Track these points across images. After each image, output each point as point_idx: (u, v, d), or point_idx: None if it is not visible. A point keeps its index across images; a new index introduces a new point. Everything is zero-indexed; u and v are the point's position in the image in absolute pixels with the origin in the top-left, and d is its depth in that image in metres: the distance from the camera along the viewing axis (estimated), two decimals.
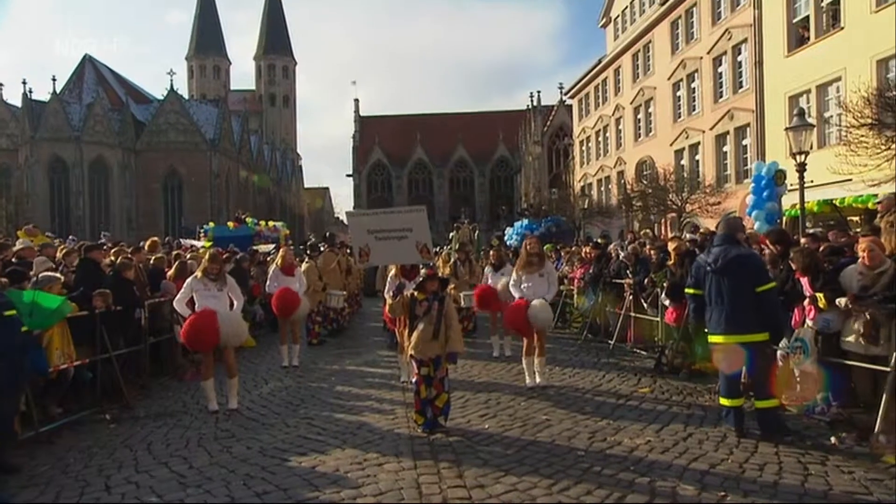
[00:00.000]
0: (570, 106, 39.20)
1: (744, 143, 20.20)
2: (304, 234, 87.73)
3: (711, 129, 21.62)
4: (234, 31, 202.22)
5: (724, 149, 21.28)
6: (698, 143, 22.63)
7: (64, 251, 8.83)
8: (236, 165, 59.96)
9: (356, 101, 66.06)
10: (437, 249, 13.06)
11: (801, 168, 10.19)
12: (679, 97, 23.99)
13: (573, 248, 15.21)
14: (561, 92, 48.76)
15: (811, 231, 7.61)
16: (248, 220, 29.72)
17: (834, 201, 14.75)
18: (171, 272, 8.88)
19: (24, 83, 45.05)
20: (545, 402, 5.88)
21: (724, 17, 21.02)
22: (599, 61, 31.33)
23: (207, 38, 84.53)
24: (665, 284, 7.47)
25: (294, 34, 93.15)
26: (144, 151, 51.22)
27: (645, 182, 26.47)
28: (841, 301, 4.95)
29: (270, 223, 32.04)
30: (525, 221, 25.99)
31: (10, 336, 4.56)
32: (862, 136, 10.94)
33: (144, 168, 51.15)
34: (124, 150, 49.64)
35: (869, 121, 10.48)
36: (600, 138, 32.46)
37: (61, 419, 5.72)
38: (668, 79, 24.42)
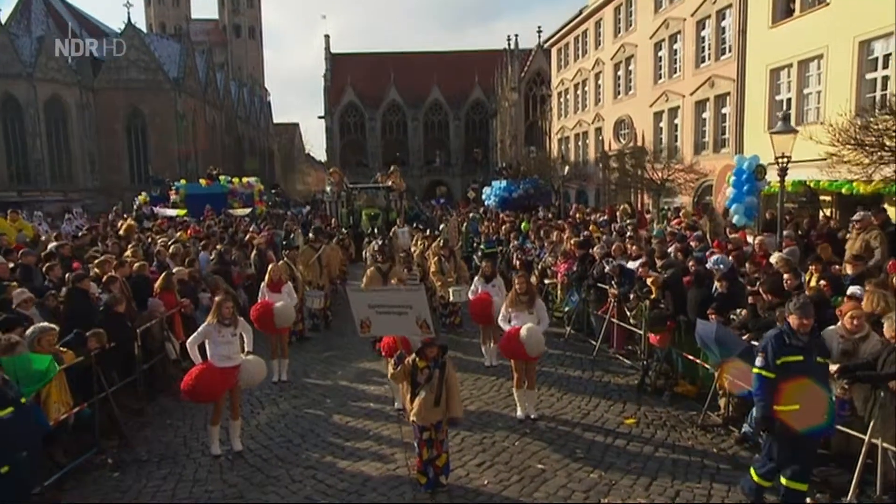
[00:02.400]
0: (549, 51, 38.19)
1: (723, 111, 20.15)
2: (275, 175, 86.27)
3: (692, 94, 21.45)
4: None
5: (704, 115, 21.21)
6: (678, 107, 22.49)
7: (48, 266, 8.53)
8: (203, 105, 57.54)
9: (326, 37, 63.88)
10: (427, 233, 12.94)
11: (783, 173, 10.28)
12: (661, 58, 23.59)
13: (554, 225, 15.33)
14: (539, 36, 47.56)
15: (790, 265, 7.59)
16: (222, 177, 29.09)
17: (808, 182, 15.10)
18: (157, 284, 8.72)
19: None
20: (539, 444, 6.13)
21: None
22: (581, 12, 30.39)
23: None
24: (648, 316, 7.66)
25: None
26: (103, 90, 48.51)
27: (623, 141, 26.48)
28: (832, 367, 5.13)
29: (244, 179, 31.40)
30: (504, 183, 25.86)
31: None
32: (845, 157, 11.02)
33: (104, 108, 48.61)
34: (82, 89, 46.90)
35: (852, 142, 10.54)
36: (579, 91, 31.95)
37: (64, 467, 5.77)
38: (651, 38, 23.91)
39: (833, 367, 5.05)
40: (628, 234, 12.83)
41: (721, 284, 7.15)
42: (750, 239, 11.72)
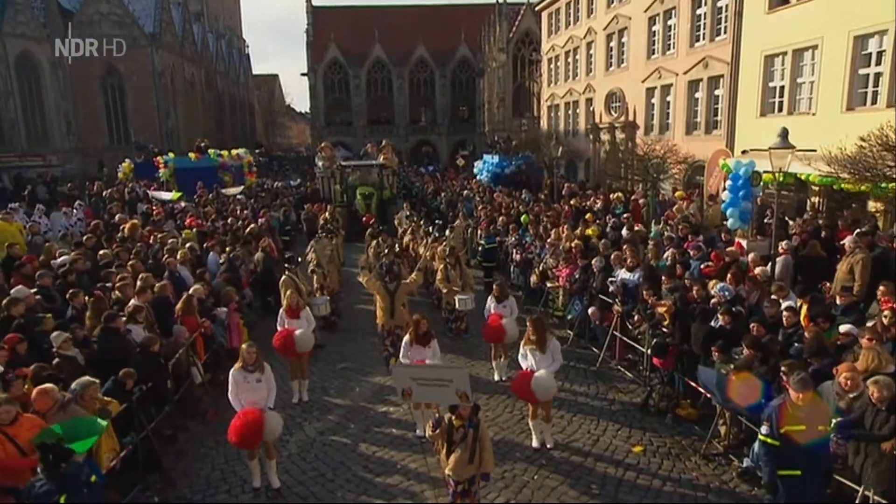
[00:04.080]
0: (537, 9, 37.38)
1: (716, 93, 20.25)
2: (256, 132, 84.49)
3: (685, 73, 21.44)
4: None
5: (697, 95, 21.28)
6: (671, 84, 22.49)
7: (71, 293, 8.62)
8: (181, 61, 55.66)
9: None
10: (435, 235, 13.13)
11: (780, 188, 10.62)
12: (655, 32, 23.36)
13: (552, 220, 15.58)
14: None
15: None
16: (211, 151, 28.67)
17: (799, 175, 15.46)
18: (178, 308, 8.92)
19: None
20: (556, 477, 6.63)
21: None
22: None
23: None
24: (654, 343, 8.09)
25: None
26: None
27: (614, 114, 26.50)
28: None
29: (234, 152, 30.99)
30: (496, 158, 25.87)
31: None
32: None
33: (78, 66, 46.32)
34: (53, 45, 44.98)
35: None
36: (570, 59, 31.55)
37: None
38: (645, 11, 23.60)
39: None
40: (624, 234, 13.16)
41: (724, 319, 7.56)
42: (743, 242, 12.20)
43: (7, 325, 7.56)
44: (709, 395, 7.18)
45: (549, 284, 11.96)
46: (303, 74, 61.00)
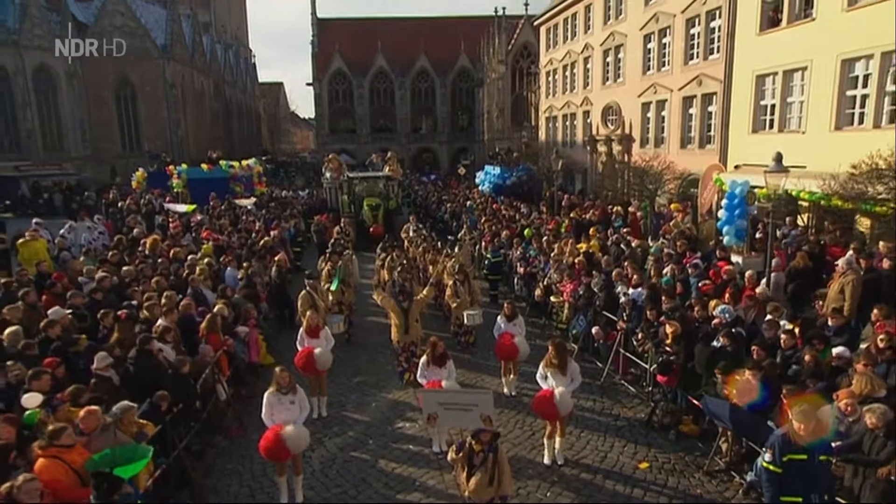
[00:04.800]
0: (536, 24, 37.41)
1: (709, 109, 20.37)
2: (262, 139, 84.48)
3: (680, 89, 21.57)
4: None
5: (691, 111, 21.40)
6: (666, 100, 22.61)
7: (102, 313, 8.71)
8: (191, 72, 55.73)
9: (313, 2, 60.92)
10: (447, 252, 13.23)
11: (775, 208, 10.75)
12: (650, 50, 23.50)
13: (554, 234, 15.71)
14: (526, 8, 46.65)
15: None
16: (222, 162, 28.76)
17: (791, 192, 15.58)
18: (203, 327, 9.01)
19: None
20: (567, 495, 6.75)
21: None
22: None
23: None
24: (658, 361, 8.20)
25: None
26: (91, 58, 46.54)
27: (611, 127, 26.61)
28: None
29: (244, 163, 31.08)
30: (497, 169, 25.99)
31: None
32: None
33: (93, 76, 46.74)
34: (69, 57, 45.07)
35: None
36: (567, 73, 31.67)
37: None
38: (640, 29, 23.73)
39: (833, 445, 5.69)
40: (624, 250, 13.29)
41: (725, 340, 7.68)
42: (738, 259, 12.34)
43: (45, 346, 7.66)
44: (715, 422, 7.27)
45: (553, 299, 12.06)
46: (308, 84, 61.25)
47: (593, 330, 10.19)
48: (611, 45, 26.37)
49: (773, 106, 17.44)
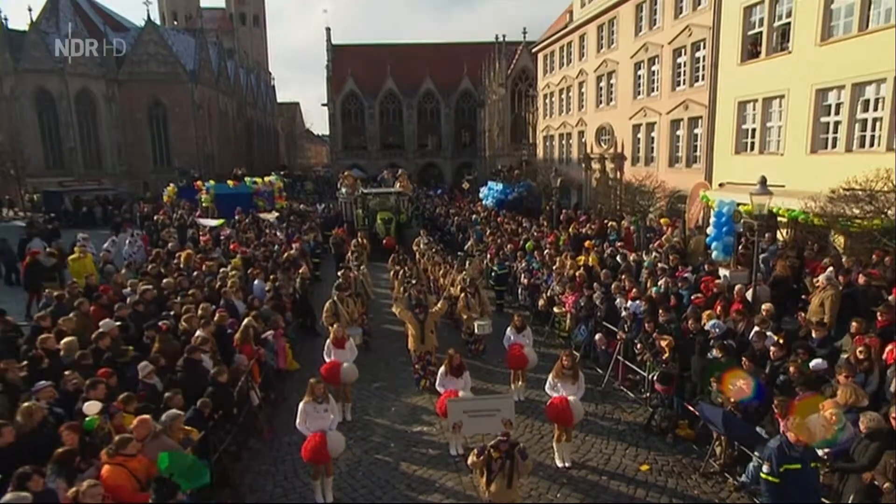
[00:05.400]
0: (533, 50, 37.58)
1: (695, 131, 20.44)
2: (280, 154, 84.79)
3: (668, 113, 21.65)
4: None
5: (678, 133, 21.47)
6: (655, 122, 22.69)
7: (147, 325, 8.79)
8: (216, 94, 56.14)
9: (328, 30, 61.47)
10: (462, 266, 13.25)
11: (762, 230, 10.78)
12: (640, 77, 23.61)
13: (554, 247, 15.75)
14: (524, 36, 46.84)
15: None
16: (247, 178, 28.96)
17: (771, 209, 15.60)
18: (237, 338, 9.08)
19: None
20: (576, 496, 6.78)
21: (685, 12, 20.37)
22: (566, 25, 29.99)
23: None
24: (658, 371, 8.24)
25: None
26: (127, 82, 47.00)
27: (604, 146, 26.68)
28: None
29: (266, 179, 31.26)
30: (500, 185, 26.09)
31: None
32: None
33: (128, 99, 47.24)
34: (107, 82, 45.47)
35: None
36: (563, 96, 31.81)
37: None
38: (631, 58, 23.85)
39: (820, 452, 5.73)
40: (620, 263, 13.33)
41: (718, 352, 7.72)
42: (725, 272, 12.35)
43: (97, 356, 7.73)
44: (710, 427, 7.30)
45: (556, 310, 12.10)
46: (323, 104, 61.50)
47: (597, 337, 10.22)
48: (604, 71, 26.49)
49: (753, 130, 17.48)
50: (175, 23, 74.41)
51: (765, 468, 5.19)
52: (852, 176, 11.02)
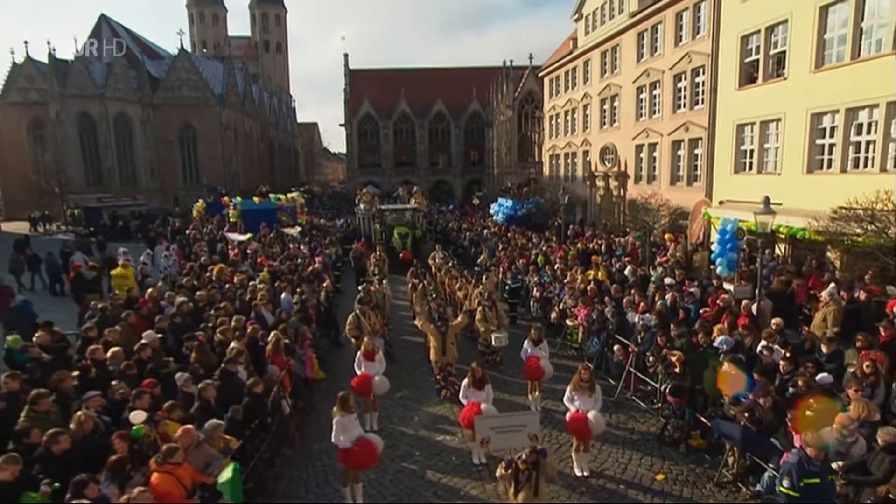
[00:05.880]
0: (540, 75, 37.74)
1: (696, 152, 20.36)
2: (299, 172, 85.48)
3: (669, 134, 21.60)
4: None
5: (679, 153, 21.40)
6: (657, 143, 22.65)
7: (187, 337, 8.82)
8: (242, 116, 56.90)
9: (345, 55, 62.05)
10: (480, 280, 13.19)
11: (764, 246, 10.69)
12: (642, 100, 23.61)
13: (563, 261, 15.68)
14: (531, 60, 47.15)
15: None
16: (271, 195, 29.19)
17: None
18: (269, 349, 9.06)
19: (49, 43, 40.95)
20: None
21: (685, 41, 20.41)
22: (571, 51, 30.13)
23: None
24: (669, 384, 8.12)
25: None
26: (160, 106, 47.80)
27: (608, 165, 26.64)
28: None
29: (289, 195, 31.49)
30: (510, 202, 26.08)
31: None
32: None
33: (161, 122, 48.01)
34: (143, 106, 46.27)
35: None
36: (569, 118, 31.87)
37: None
38: (633, 82, 23.89)
39: (836, 465, 5.61)
40: (628, 277, 13.24)
41: (729, 366, 7.60)
42: (729, 287, 12.22)
43: (141, 366, 7.76)
44: (724, 441, 7.16)
45: (568, 322, 12.00)
46: (341, 125, 62.02)
47: (615, 349, 10.08)
48: (607, 94, 26.53)
49: (752, 150, 17.37)
50: (204, 50, 75.70)
51: (785, 483, 5.08)
52: (853, 196, 10.89)
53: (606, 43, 26.09)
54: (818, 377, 7.18)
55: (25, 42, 42.99)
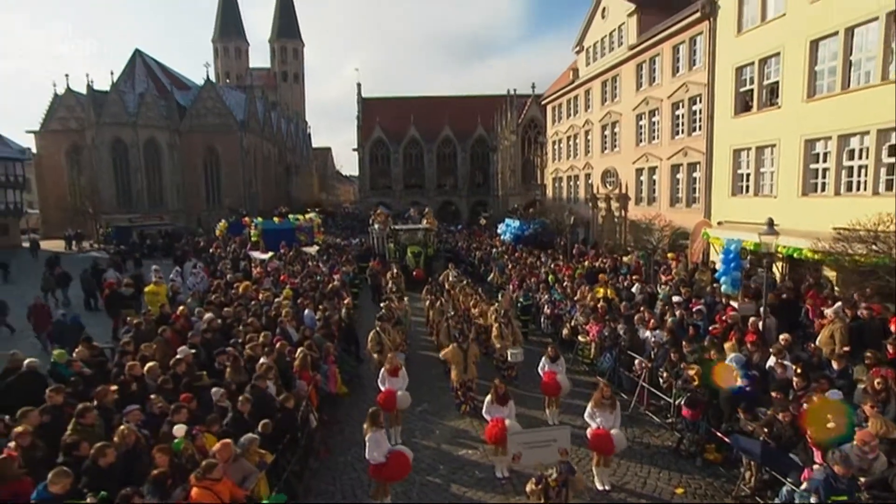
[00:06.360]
0: (543, 102, 38.01)
1: (694, 175, 20.33)
2: (313, 194, 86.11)
3: (668, 158, 21.61)
4: (250, 4, 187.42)
5: (678, 176, 21.37)
6: (656, 167, 22.65)
7: (218, 352, 8.75)
8: (261, 141, 57.58)
9: (359, 85, 63.14)
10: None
11: (769, 265, 10.57)
12: (641, 126, 23.70)
13: (572, 280, 15.55)
14: (533, 89, 47.62)
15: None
16: (290, 216, 29.31)
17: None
18: (297, 364, 8.97)
19: (87, 75, 42.04)
20: None
21: (682, 71, 20.55)
22: (572, 81, 30.40)
23: (229, 24, 78.66)
24: (685, 397, 7.96)
25: (301, 9, 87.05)
26: (187, 133, 48.56)
27: (609, 187, 26.63)
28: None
29: (307, 216, 31.61)
30: (517, 222, 26.07)
31: None
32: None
33: (187, 147, 48.74)
34: (171, 132, 47.04)
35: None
36: (571, 143, 32.01)
37: None
38: (633, 110, 24.01)
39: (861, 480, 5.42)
40: (635, 294, 13.09)
41: (743, 382, 7.45)
42: (734, 304, 12.07)
43: (176, 380, 7.68)
44: (743, 456, 6.96)
45: (580, 339, 11.84)
46: (354, 150, 62.56)
47: (636, 361, 9.87)
48: (608, 121, 26.66)
49: (748, 174, 17.29)
50: (227, 81, 77.06)
51: (812, 500, 4.91)
52: (849, 218, 10.82)
53: (607, 73, 26.31)
54: (827, 393, 7.01)
55: (66, 75, 44.62)
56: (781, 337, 8.76)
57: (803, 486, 5.92)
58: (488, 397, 7.54)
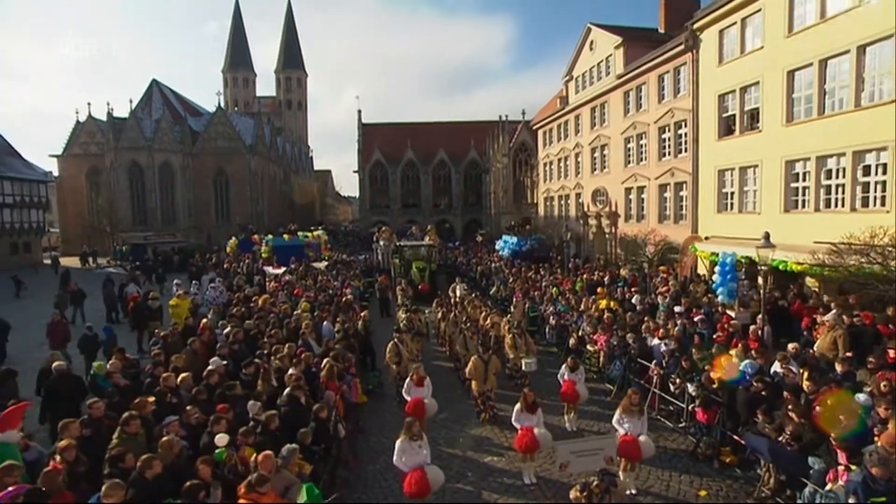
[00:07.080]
0: (533, 127, 38.34)
1: (681, 194, 20.48)
2: (315, 213, 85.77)
3: (656, 179, 21.77)
4: (257, 38, 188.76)
5: (665, 195, 21.52)
6: (644, 186, 22.80)
7: (244, 363, 8.42)
8: (268, 163, 57.41)
9: (359, 111, 63.26)
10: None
11: (766, 278, 10.53)
12: (630, 149, 23.93)
13: (573, 293, 15.42)
14: (523, 115, 48.13)
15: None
16: (299, 233, 29.01)
17: (753, 259, 15.25)
18: (323, 375, 8.65)
19: (108, 104, 42.01)
20: None
21: (667, 98, 20.85)
22: (563, 107, 30.74)
23: (239, 56, 79.08)
24: (701, 397, 7.79)
25: (304, 42, 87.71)
26: (199, 155, 48.28)
27: (599, 206, 26.72)
28: None
29: (314, 233, 31.33)
30: (514, 238, 26.00)
31: None
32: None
33: (199, 169, 48.41)
34: (184, 155, 46.75)
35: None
36: (562, 164, 32.20)
37: None
38: (622, 133, 24.26)
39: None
40: (635, 305, 12.97)
41: (756, 386, 7.30)
42: (731, 313, 11.99)
43: (210, 391, 7.36)
44: (756, 455, 6.81)
45: (589, 348, 11.65)
46: (354, 172, 62.55)
47: (651, 368, 9.67)
48: (597, 144, 26.88)
49: (732, 193, 17.45)
50: (236, 108, 77.11)
51: (851, 500, 4.73)
52: (842, 235, 10.86)
53: (596, 100, 26.63)
54: (857, 397, 6.87)
55: (88, 104, 45.18)
56: (790, 345, 8.65)
57: (828, 487, 5.76)
58: (517, 406, 7.30)
